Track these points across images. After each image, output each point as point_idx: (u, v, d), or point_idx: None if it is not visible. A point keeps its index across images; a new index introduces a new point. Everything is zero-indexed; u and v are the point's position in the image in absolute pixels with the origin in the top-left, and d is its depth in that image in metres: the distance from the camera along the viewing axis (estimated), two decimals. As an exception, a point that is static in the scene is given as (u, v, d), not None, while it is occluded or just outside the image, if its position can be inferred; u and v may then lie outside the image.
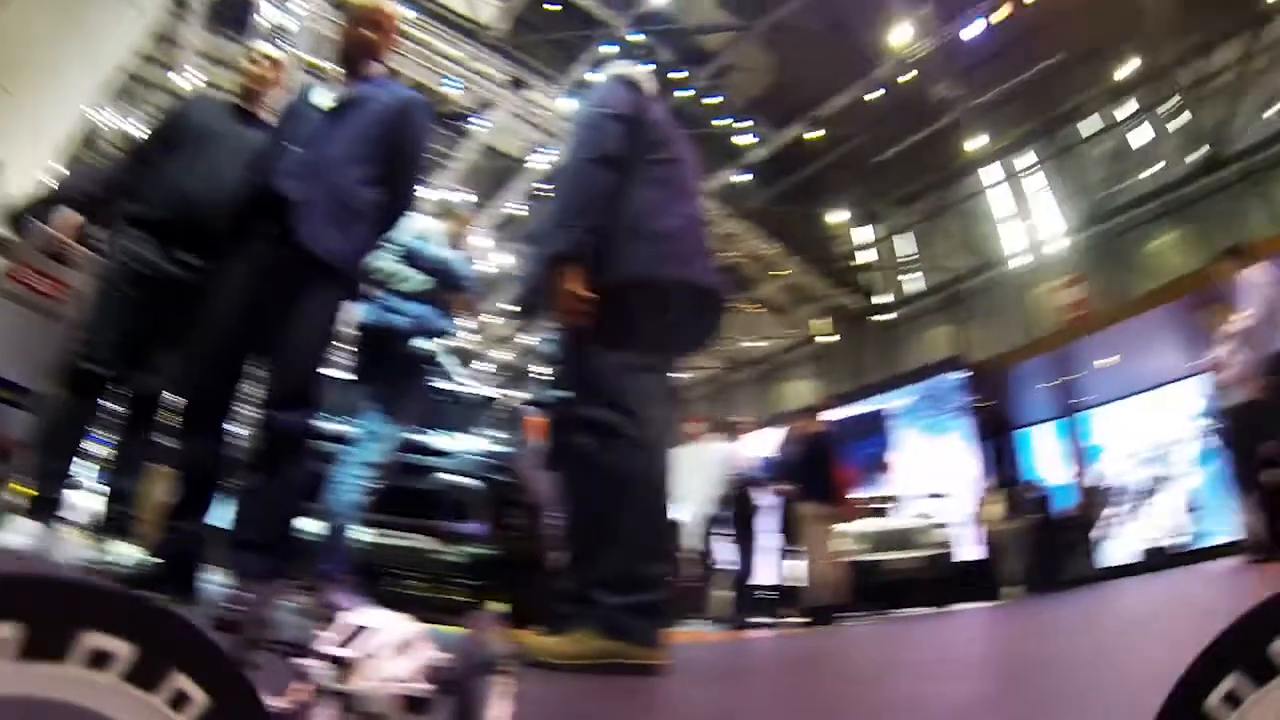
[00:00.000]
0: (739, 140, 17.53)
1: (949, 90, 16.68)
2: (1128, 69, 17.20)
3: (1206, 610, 3.92)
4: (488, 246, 18.37)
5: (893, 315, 21.92)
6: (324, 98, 3.32)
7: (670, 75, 16.01)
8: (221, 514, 3.37)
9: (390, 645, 0.94)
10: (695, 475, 7.67)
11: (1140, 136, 17.99)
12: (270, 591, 2.57)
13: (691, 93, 16.56)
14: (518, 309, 3.66)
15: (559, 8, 15.54)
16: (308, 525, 4.30)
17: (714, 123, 17.27)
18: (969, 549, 12.92)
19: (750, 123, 17.50)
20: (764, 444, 10.76)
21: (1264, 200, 15.91)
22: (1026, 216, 19.70)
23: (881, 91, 16.22)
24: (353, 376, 4.46)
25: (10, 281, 3.77)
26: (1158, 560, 14.28)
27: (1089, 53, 17.06)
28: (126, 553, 3.55)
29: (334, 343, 3.27)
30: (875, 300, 22.22)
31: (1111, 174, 18.09)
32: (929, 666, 3.07)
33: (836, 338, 22.47)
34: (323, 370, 3.17)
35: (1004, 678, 2.55)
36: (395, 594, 8.95)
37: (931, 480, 15.14)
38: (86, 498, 3.97)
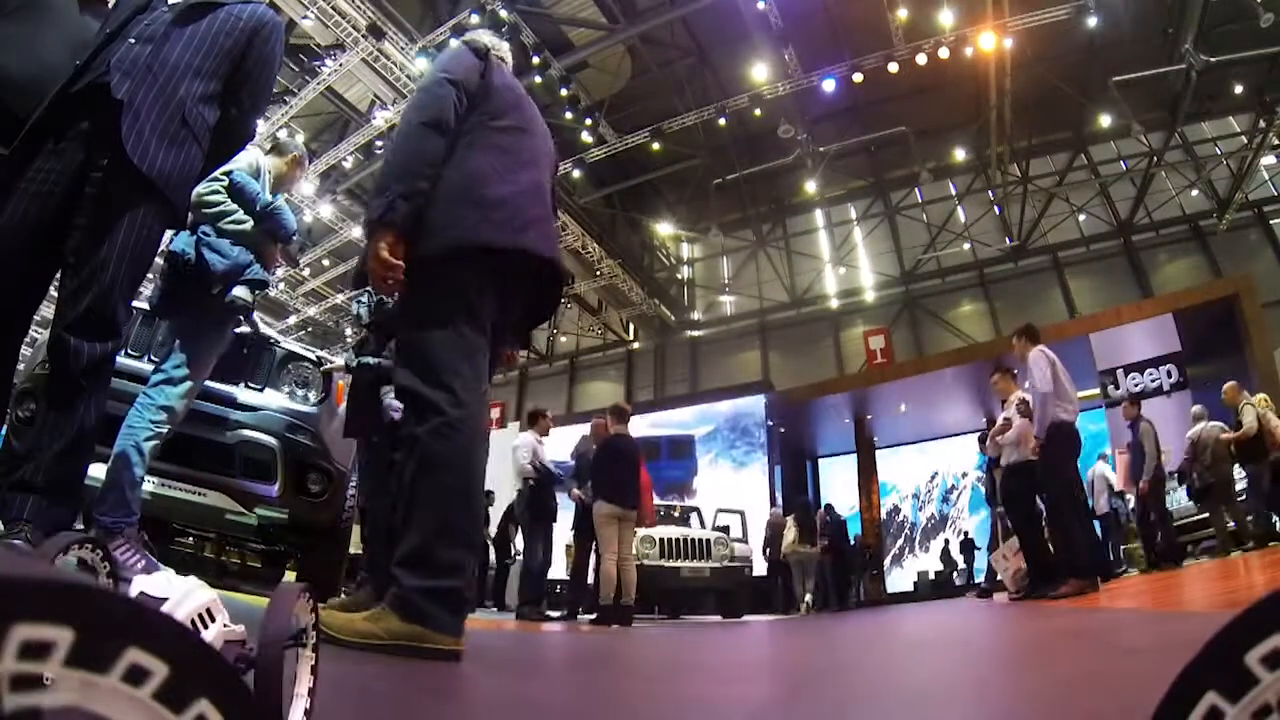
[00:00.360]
0: (582, 137, 17.55)
1: (796, 132, 17.27)
2: (960, 153, 18.90)
3: (965, 639, 4.16)
4: (310, 194, 17.65)
5: (703, 333, 22.69)
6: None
7: (531, 59, 15.89)
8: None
9: (181, 615, 0.90)
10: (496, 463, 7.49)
11: (962, 213, 19.82)
12: (52, 544, 2.24)
13: (543, 80, 16.46)
14: (353, 278, 3.27)
15: (431, -37, 15.18)
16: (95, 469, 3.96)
17: (563, 115, 17.22)
18: (761, 565, 13.42)
19: (594, 121, 17.51)
20: (563, 441, 10.73)
21: (1061, 289, 17.92)
22: (845, 264, 20.86)
23: (726, 119, 16.62)
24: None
25: None
26: (928, 589, 16.23)
27: (929, 130, 18.48)
28: None
29: (147, 271, 2.74)
30: (687, 315, 22.88)
31: (930, 241, 19.66)
32: (720, 670, 3.05)
33: (644, 345, 22.99)
34: (131, 298, 2.67)
35: (793, 682, 2.56)
36: (183, 553, 8.33)
37: (731, 498, 15.62)
38: None
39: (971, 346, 17.02)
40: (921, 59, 14.54)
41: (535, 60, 15.84)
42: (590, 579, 8.75)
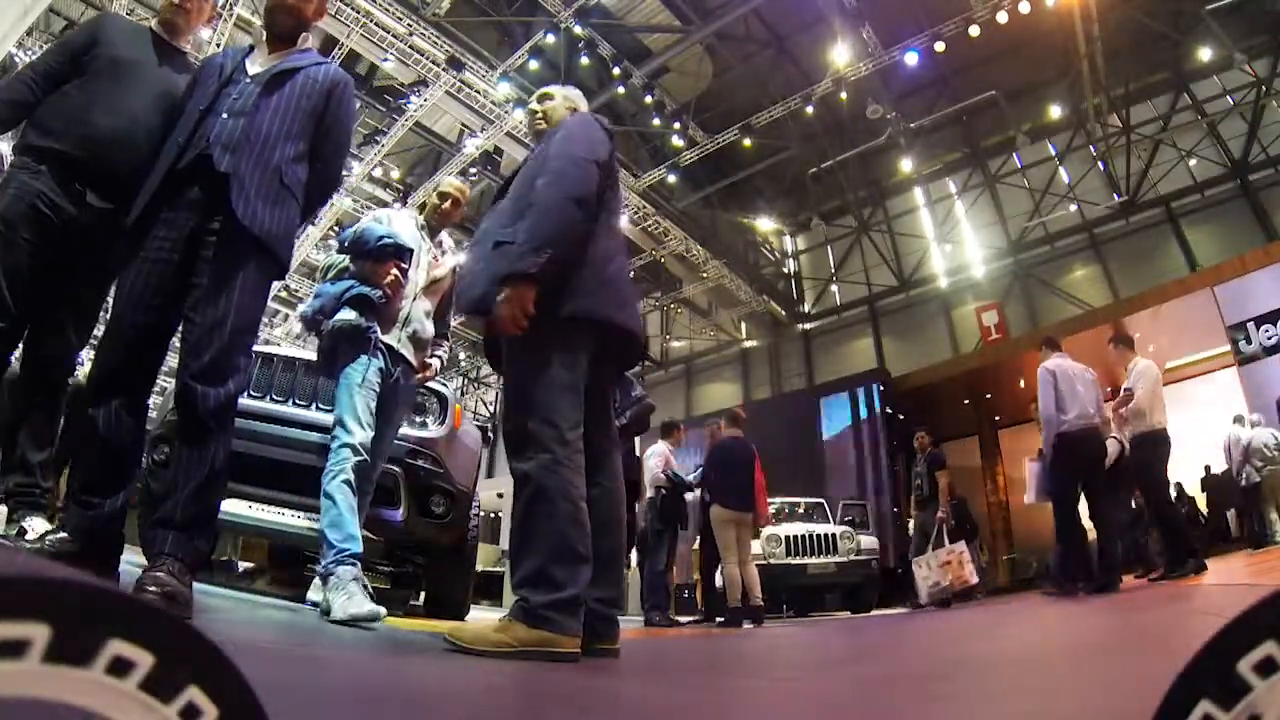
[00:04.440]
0: (672, 141, 17.88)
1: (884, 112, 17.37)
2: (1056, 110, 18.48)
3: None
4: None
5: (814, 325, 22.76)
6: (254, 63, 3.25)
7: (612, 70, 16.40)
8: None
9: None
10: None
11: (1065, 174, 19.33)
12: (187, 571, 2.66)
13: (626, 91, 16.97)
14: (464, 307, 3.70)
15: (502, -8, 15.79)
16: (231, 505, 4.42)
17: (650, 123, 17.70)
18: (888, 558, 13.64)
19: (683, 125, 17.85)
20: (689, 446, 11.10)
21: (1178, 242, 17.37)
22: (950, 240, 20.73)
23: (813, 108, 16.77)
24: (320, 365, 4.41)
25: None
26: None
27: (1020, 91, 18.26)
28: (39, 528, 3.37)
29: (261, 317, 3.16)
30: (798, 309, 22.97)
31: (1035, 207, 19.34)
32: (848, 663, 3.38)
33: (757, 343, 23.12)
34: (250, 345, 3.08)
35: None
36: (313, 578, 8.97)
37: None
38: None
39: (1089, 313, 16.64)
40: (1002, 17, 14.30)
41: (615, 71, 16.32)
42: (718, 583, 9.03)
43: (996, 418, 18.67)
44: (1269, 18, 15.78)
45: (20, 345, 3.59)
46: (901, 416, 17.62)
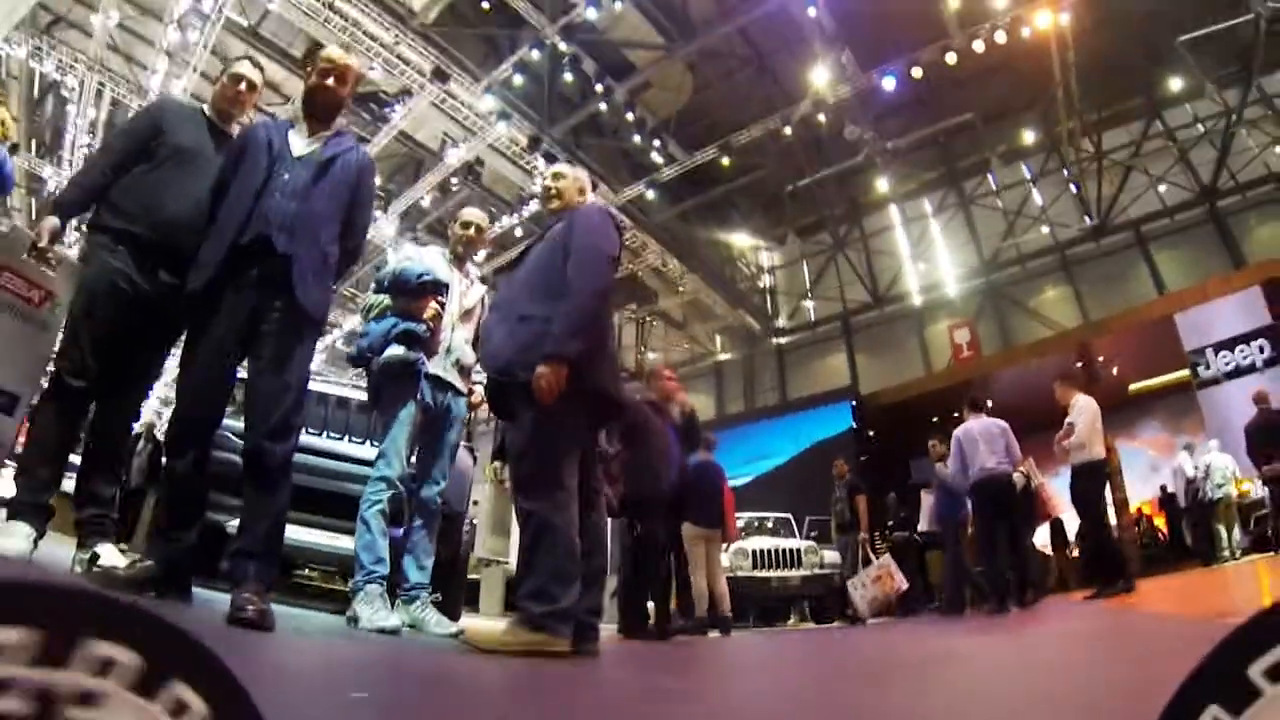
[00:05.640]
0: (652, 157, 18.23)
1: (862, 133, 17.78)
2: (1030, 134, 19.05)
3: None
4: (391, 234, 18.74)
5: (788, 339, 23.22)
6: (298, 141, 3.65)
7: (595, 87, 16.76)
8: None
9: None
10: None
11: (1038, 196, 19.92)
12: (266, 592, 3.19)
13: (608, 107, 17.31)
14: (490, 369, 4.30)
15: (488, 7, 16.05)
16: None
17: (631, 139, 18.06)
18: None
19: (662, 141, 18.23)
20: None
21: (1147, 265, 17.96)
22: (924, 259, 21.25)
23: (792, 128, 17.06)
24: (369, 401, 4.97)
25: None
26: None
27: (996, 114, 18.76)
28: (109, 553, 3.80)
29: (309, 377, 3.69)
30: (772, 323, 23.41)
31: (1008, 228, 19.88)
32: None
33: (731, 356, 23.56)
34: (303, 405, 3.69)
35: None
36: (314, 587, 9.47)
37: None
38: (71, 503, 4.20)
39: (1059, 336, 17.23)
40: (978, 45, 14.71)
41: (599, 88, 16.70)
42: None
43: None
44: (1239, 48, 16.24)
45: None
46: (871, 433, 18.03)
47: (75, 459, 4.26)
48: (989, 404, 9.83)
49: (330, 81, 3.73)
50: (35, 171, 17.49)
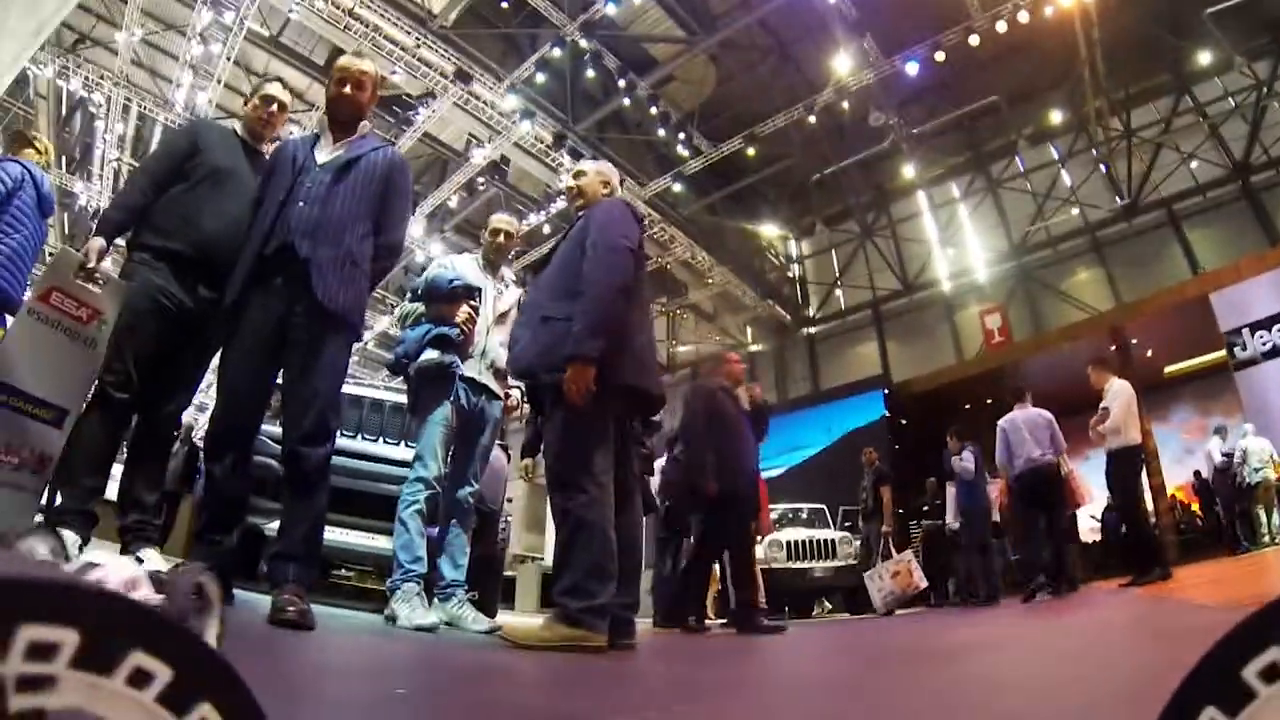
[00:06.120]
0: (678, 151, 18.30)
1: (886, 119, 17.74)
2: (1057, 114, 18.74)
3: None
4: (420, 235, 18.88)
5: (819, 329, 23.13)
6: (322, 151, 3.76)
7: (617, 82, 16.80)
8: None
9: (116, 581, 1.18)
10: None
11: (1067, 177, 19.61)
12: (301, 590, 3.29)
13: (631, 102, 17.34)
14: (514, 373, 4.49)
15: (507, 6, 16.20)
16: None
17: (656, 132, 18.08)
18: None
19: (687, 134, 18.26)
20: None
21: (1180, 244, 17.69)
22: (953, 244, 21.09)
23: (816, 117, 17.07)
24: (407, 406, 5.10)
25: (44, 305, 3.92)
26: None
27: (1022, 95, 18.57)
28: (152, 557, 3.91)
29: (344, 380, 3.80)
30: (802, 313, 23.34)
31: (1037, 210, 19.68)
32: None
33: (762, 347, 23.47)
34: (339, 407, 3.77)
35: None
36: (349, 585, 9.67)
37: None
38: (115, 509, 4.37)
39: (1092, 319, 17.01)
40: (1002, 26, 14.62)
41: (621, 83, 16.74)
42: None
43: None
44: (1268, 19, 16.02)
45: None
46: (904, 421, 17.96)
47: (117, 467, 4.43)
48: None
49: (349, 89, 3.83)
50: (67, 187, 17.73)
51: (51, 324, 3.91)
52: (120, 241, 4.36)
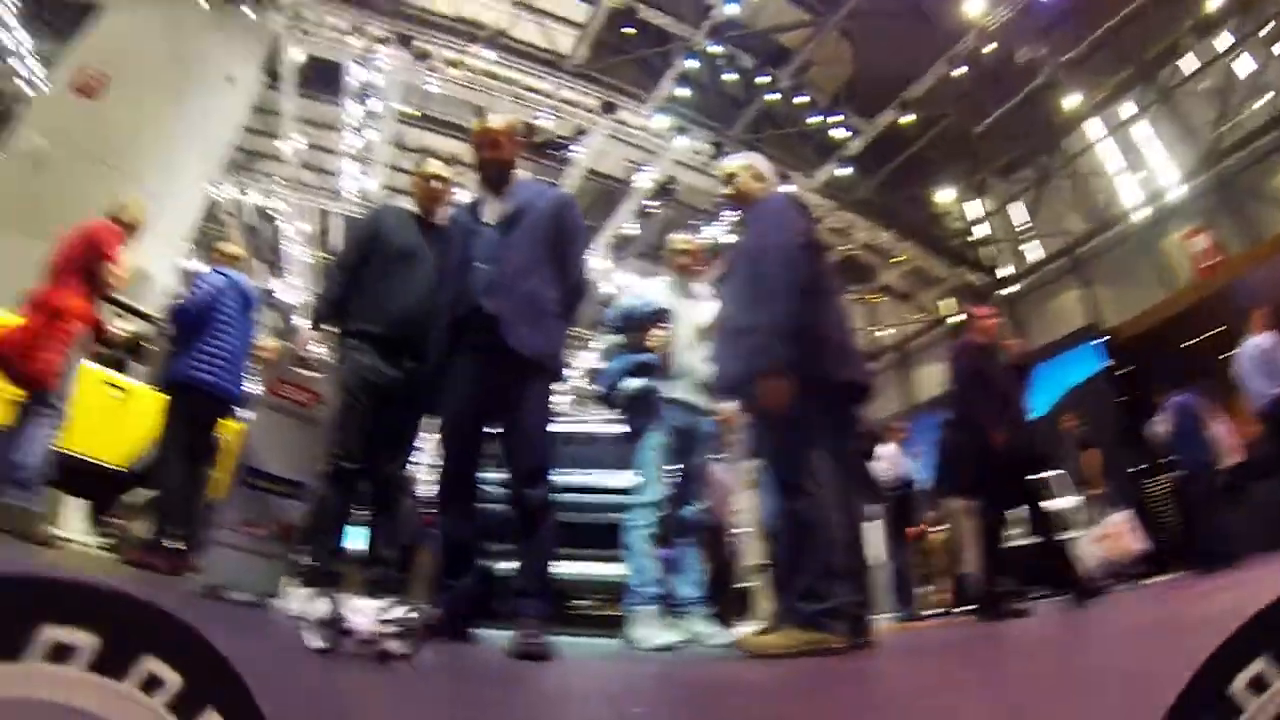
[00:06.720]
0: (833, 135, 18.22)
1: (1034, 51, 17.07)
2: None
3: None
4: (607, 267, 19.30)
5: (1018, 287, 21.90)
6: (489, 212, 4.05)
7: (756, 80, 16.84)
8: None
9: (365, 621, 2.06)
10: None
11: (1243, 66, 17.67)
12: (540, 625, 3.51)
13: (778, 96, 17.35)
14: (718, 389, 4.61)
15: (633, 30, 16.52)
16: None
17: (807, 121, 18.02)
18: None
19: (841, 116, 18.15)
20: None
21: None
22: (1138, 168, 19.56)
23: (965, 66, 16.65)
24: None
25: (270, 395, 4.74)
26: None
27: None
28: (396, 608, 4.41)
29: (553, 418, 4.07)
30: (998, 274, 22.23)
31: (1220, 110, 17.87)
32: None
33: (965, 316, 22.40)
34: (552, 446, 4.00)
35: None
36: (589, 614, 9.88)
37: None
38: (357, 566, 4.88)
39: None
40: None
41: (760, 80, 16.82)
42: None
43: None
44: None
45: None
46: (1124, 371, 16.58)
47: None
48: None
49: (487, 153, 4.10)
50: (263, 286, 19.11)
51: (282, 410, 4.71)
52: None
